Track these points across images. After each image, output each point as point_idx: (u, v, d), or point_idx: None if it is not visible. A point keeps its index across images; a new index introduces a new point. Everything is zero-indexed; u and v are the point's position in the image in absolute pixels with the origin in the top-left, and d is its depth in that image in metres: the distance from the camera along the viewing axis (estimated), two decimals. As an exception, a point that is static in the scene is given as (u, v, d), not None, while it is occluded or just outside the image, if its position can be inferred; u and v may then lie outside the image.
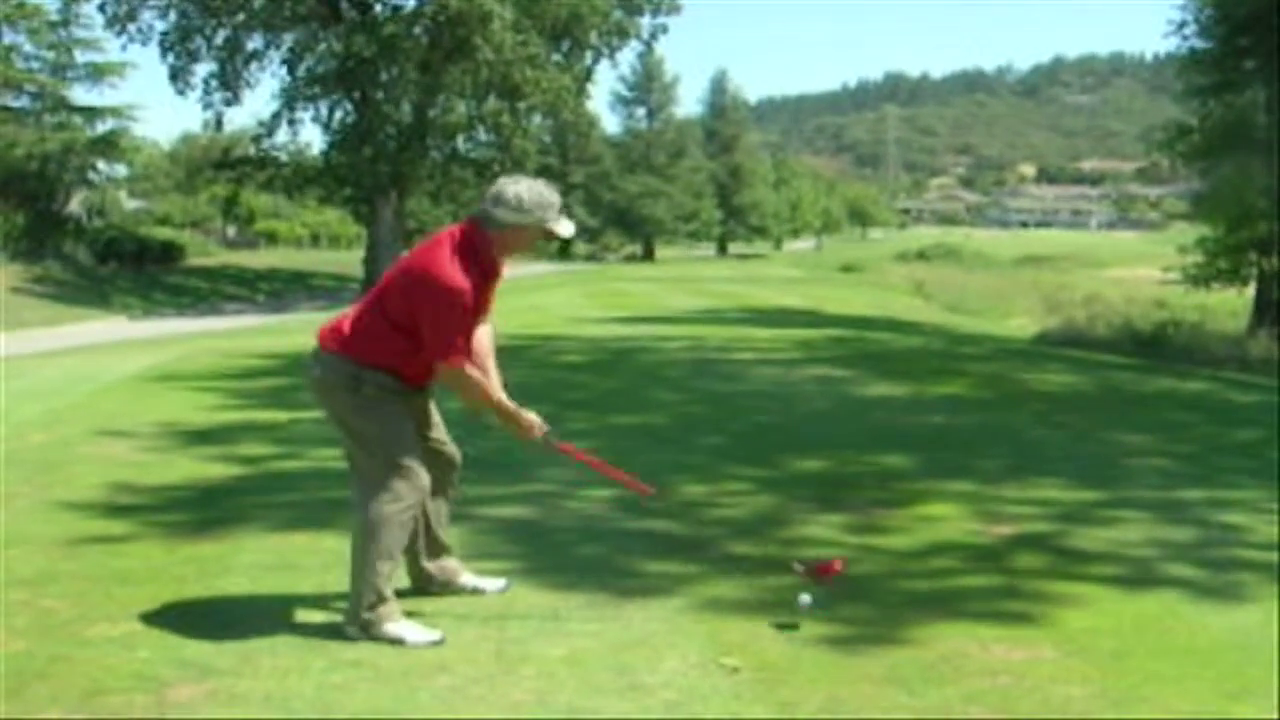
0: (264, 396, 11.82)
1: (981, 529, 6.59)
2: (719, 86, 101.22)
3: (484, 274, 4.81)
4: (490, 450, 7.51)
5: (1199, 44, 30.55)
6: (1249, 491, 7.67)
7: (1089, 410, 11.53)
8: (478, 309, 4.83)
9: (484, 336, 5.01)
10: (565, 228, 4.88)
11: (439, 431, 5.15)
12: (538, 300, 30.72)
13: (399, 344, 4.77)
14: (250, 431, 9.56)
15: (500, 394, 5.00)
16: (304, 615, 4.99)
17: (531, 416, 5.02)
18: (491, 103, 42.44)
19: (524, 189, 4.80)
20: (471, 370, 4.83)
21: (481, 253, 4.79)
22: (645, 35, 46.01)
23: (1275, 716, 4.12)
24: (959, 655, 4.61)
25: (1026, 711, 4.12)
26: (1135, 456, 8.83)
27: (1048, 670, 4.48)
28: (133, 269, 44.49)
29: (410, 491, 4.79)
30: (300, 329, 22.80)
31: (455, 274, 4.68)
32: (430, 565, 5.23)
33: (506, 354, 5.66)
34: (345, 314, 4.98)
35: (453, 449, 5.20)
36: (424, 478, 4.84)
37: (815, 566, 5.22)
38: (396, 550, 4.83)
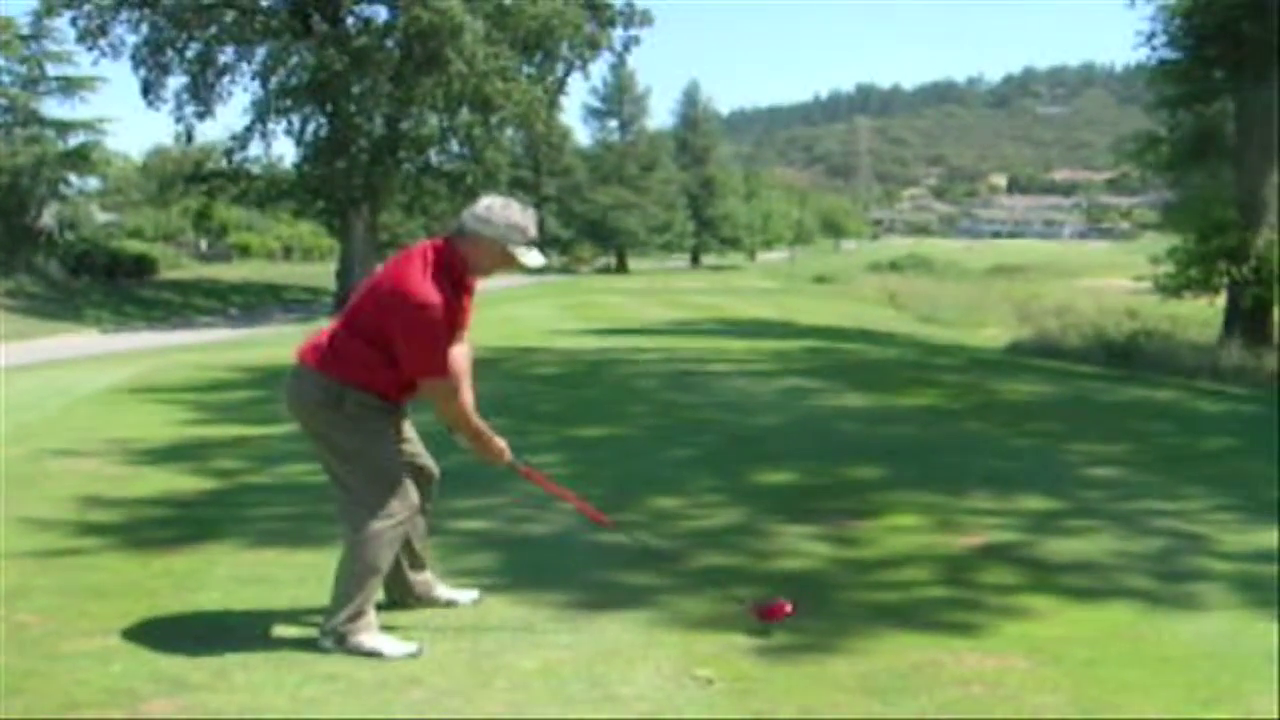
0: (236, 410, 11.81)
1: (952, 539, 6.62)
2: (691, 98, 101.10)
3: (455, 288, 4.74)
4: (462, 464, 7.49)
5: (1168, 55, 30.66)
6: (1217, 500, 7.71)
7: (1060, 420, 11.58)
8: (451, 323, 4.75)
9: (460, 356, 4.93)
10: (530, 258, 4.76)
11: (414, 445, 5.12)
12: (512, 312, 30.70)
13: (377, 361, 4.73)
14: (223, 445, 9.54)
15: (476, 416, 5.00)
16: (278, 629, 4.99)
17: (500, 443, 5.03)
18: (464, 115, 42.39)
19: (497, 202, 4.74)
20: (455, 386, 4.81)
21: (453, 267, 4.73)
22: (617, 47, 46.10)
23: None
24: (931, 665, 4.63)
25: (998, 720, 4.15)
26: (1105, 466, 8.88)
27: (1020, 679, 4.51)
28: (105, 282, 44.32)
29: (401, 508, 4.79)
30: (273, 342, 22.75)
31: (426, 289, 4.61)
32: (411, 579, 5.22)
33: (480, 366, 5.66)
34: (326, 329, 4.95)
35: (429, 461, 5.18)
36: (413, 492, 4.84)
37: (764, 608, 5.04)
38: (384, 565, 4.82)
